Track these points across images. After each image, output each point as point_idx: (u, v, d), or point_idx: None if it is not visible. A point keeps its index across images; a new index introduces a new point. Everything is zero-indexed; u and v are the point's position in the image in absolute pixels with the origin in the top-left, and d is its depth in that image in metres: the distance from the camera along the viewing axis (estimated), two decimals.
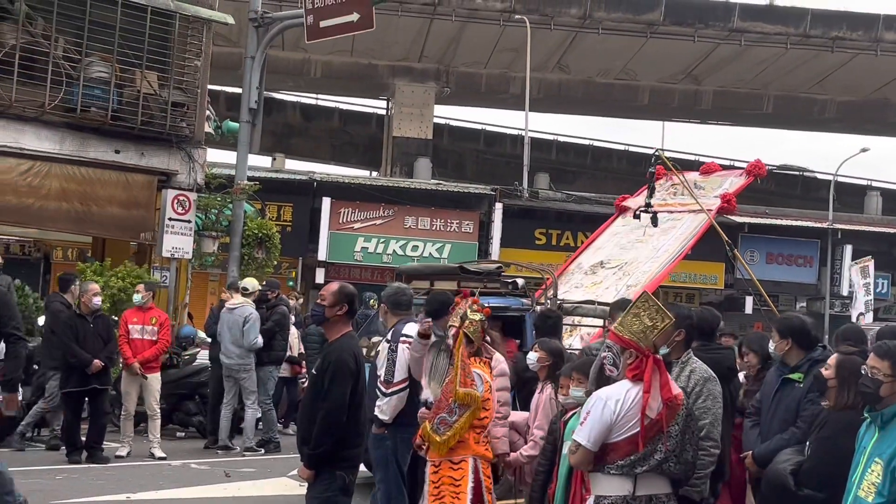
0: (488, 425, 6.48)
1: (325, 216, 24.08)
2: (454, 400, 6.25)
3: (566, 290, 12.29)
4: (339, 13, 14.90)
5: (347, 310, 5.93)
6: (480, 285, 9.75)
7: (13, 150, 13.78)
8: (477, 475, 6.30)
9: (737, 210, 13.37)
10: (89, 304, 10.89)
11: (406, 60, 32.38)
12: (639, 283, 11.76)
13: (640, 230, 13.18)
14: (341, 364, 5.76)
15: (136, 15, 14.53)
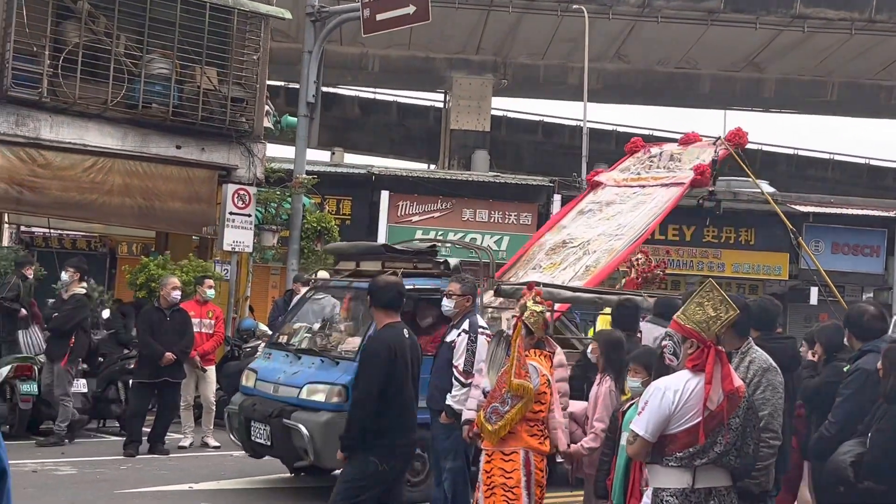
0: (545, 418, 6.43)
1: (384, 209, 24.14)
2: (507, 390, 6.23)
3: (524, 272, 11.87)
4: (396, 6, 14.92)
5: (372, 302, 6.18)
6: (410, 265, 9.44)
7: (77, 146, 14.05)
8: (528, 467, 6.26)
9: (710, 182, 12.53)
10: (168, 298, 11.08)
11: (463, 53, 32.33)
12: (599, 262, 11.31)
13: (609, 207, 12.58)
14: (371, 354, 6.01)
15: (196, 11, 14.70)
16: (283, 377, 9.00)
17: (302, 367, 8.96)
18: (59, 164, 13.89)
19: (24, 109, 13.65)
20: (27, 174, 13.61)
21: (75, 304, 11.19)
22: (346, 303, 9.93)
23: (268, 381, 9.17)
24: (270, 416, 8.74)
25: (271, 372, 9.23)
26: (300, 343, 9.45)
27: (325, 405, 8.45)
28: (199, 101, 14.76)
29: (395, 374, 5.93)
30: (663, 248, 23.42)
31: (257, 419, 8.94)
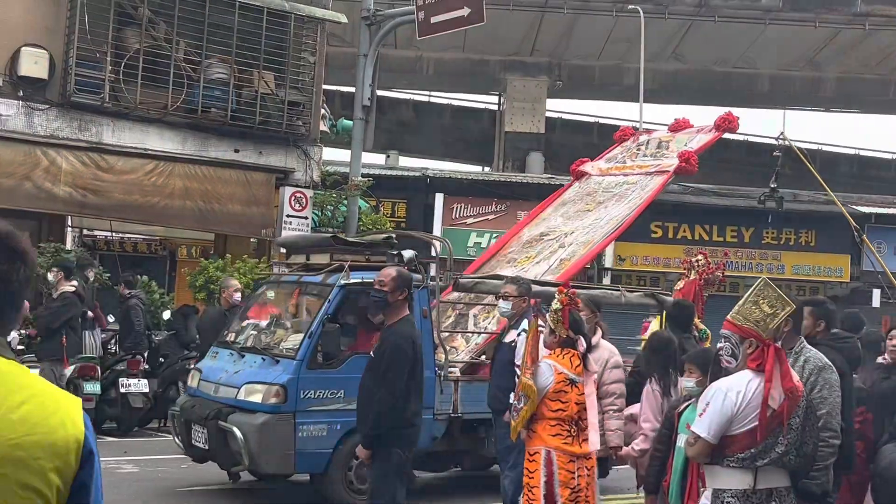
0: (570, 417, 6.36)
1: (438, 212, 24.20)
2: (521, 389, 6.27)
3: (497, 266, 11.54)
4: (450, 8, 14.95)
5: (406, 294, 6.27)
6: (362, 258, 9.10)
7: (138, 150, 14.31)
8: (550, 468, 6.22)
9: (696, 170, 11.91)
10: (230, 300, 11.22)
11: (518, 55, 32.29)
12: (574, 255, 10.92)
13: (589, 197, 12.10)
14: (398, 350, 6.07)
15: (253, 17, 14.89)
16: (224, 377, 8.67)
17: (244, 367, 8.63)
18: (120, 168, 14.16)
19: (87, 115, 13.95)
20: (90, 178, 13.90)
21: (63, 302, 11.06)
22: (295, 298, 9.49)
23: (209, 382, 8.85)
24: (207, 417, 8.39)
25: (214, 371, 8.90)
26: (245, 341, 9.13)
27: (261, 406, 8.12)
28: (256, 105, 14.95)
29: (416, 366, 6.15)
30: (721, 249, 23.14)
31: (196, 421, 8.59)
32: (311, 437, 8.25)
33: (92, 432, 2.04)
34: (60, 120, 13.79)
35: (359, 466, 8.25)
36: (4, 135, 13.35)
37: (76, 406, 2.06)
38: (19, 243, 2.07)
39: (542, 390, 6.20)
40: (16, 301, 2.08)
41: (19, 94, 13.53)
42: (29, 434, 1.95)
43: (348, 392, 8.09)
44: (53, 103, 13.75)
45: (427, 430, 8.52)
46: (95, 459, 2.03)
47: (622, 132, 13.70)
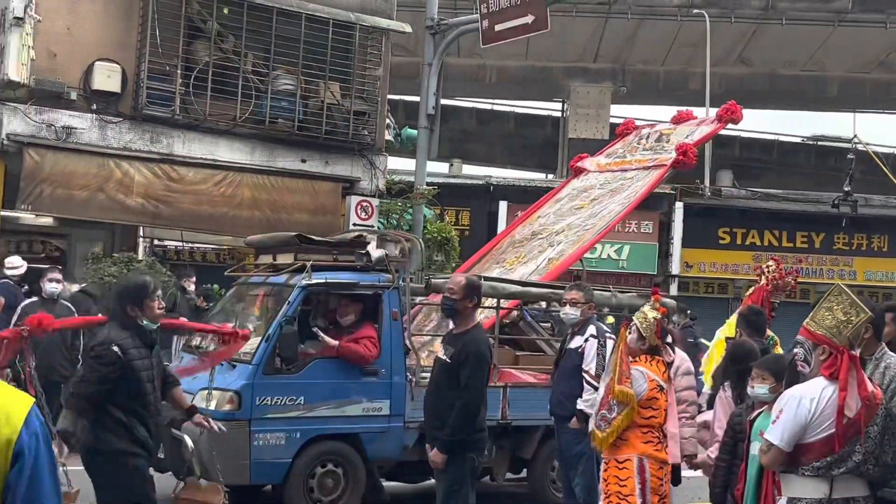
0: (661, 424, 6.33)
1: (502, 219, 24.18)
2: (613, 397, 6.20)
3: (487, 265, 11.20)
4: (514, 16, 14.96)
5: (476, 302, 6.31)
6: (329, 258, 8.67)
7: (208, 161, 14.57)
8: (643, 475, 6.18)
9: (695, 163, 11.44)
10: None
11: (581, 61, 32.15)
12: (563, 253, 10.53)
13: (585, 194, 11.66)
14: (480, 356, 6.14)
15: (319, 28, 15.07)
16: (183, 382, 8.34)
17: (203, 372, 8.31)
18: (191, 178, 14.43)
19: (158, 127, 14.25)
20: (162, 189, 14.18)
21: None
22: (260, 300, 9.12)
23: None
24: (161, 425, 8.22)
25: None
26: (208, 345, 8.60)
27: (214, 413, 7.68)
28: (322, 115, 15.12)
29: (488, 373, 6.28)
30: (793, 255, 22.77)
31: None
32: (269, 445, 7.95)
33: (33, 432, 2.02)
34: (133, 132, 14.11)
35: (321, 476, 8.10)
36: (79, 147, 13.69)
37: (19, 406, 2.04)
38: None
39: (637, 398, 6.18)
40: None
41: (93, 108, 13.87)
42: None
43: (309, 398, 7.99)
44: (126, 116, 14.07)
45: (397, 439, 8.44)
46: (27, 460, 2.00)
47: (624, 126, 13.26)
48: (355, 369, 8.32)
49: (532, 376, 9.58)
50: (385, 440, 8.51)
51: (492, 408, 8.42)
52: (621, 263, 23.82)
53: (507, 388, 9.09)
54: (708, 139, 11.98)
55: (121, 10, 14.14)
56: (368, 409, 8.41)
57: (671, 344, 6.55)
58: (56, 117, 13.57)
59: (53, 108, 13.55)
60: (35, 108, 13.42)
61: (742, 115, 12.01)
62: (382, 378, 8.47)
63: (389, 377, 8.51)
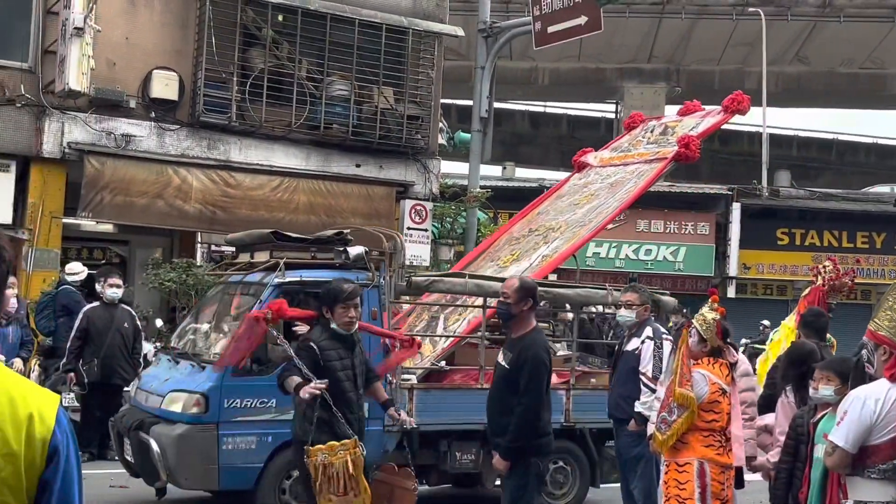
0: (724, 428, 6.24)
1: None
2: (673, 399, 6.13)
3: (482, 265, 10.75)
4: (567, 17, 14.91)
5: (532, 304, 6.18)
6: (307, 255, 8.33)
7: (264, 167, 14.73)
8: (703, 479, 6.10)
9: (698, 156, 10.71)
10: None
11: (635, 62, 31.96)
12: (557, 251, 10.06)
13: (585, 189, 11.19)
14: (539, 360, 6.04)
15: (372, 34, 15.16)
16: (154, 385, 8.12)
17: (174, 374, 8.09)
18: (248, 184, 14.59)
19: (215, 134, 14.44)
20: (219, 195, 14.36)
21: None
22: (237, 299, 8.67)
23: (143, 390, 8.33)
24: (131, 428, 7.88)
25: (150, 379, 8.38)
26: (184, 346, 8.59)
27: (181, 416, 7.48)
28: (376, 120, 15.21)
29: (549, 377, 6.17)
30: (852, 256, 22.36)
31: (123, 433, 8.08)
32: (238, 450, 7.59)
33: (64, 430, 2.05)
34: (190, 139, 14.31)
35: (294, 482, 7.68)
36: (138, 155, 13.92)
37: (49, 404, 2.06)
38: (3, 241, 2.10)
39: (698, 401, 6.10)
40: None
41: (151, 116, 14.09)
42: None
43: (282, 400, 7.48)
44: (183, 123, 14.28)
45: (376, 443, 7.99)
46: (61, 458, 2.03)
47: (631, 119, 12.75)
48: None
49: None
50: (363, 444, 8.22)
51: (478, 411, 8.01)
52: (677, 265, 23.60)
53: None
54: (713, 131, 11.35)
55: (178, 18, 14.36)
56: None
57: (733, 344, 6.46)
58: (115, 125, 13.81)
59: (113, 117, 13.80)
60: (95, 117, 13.68)
61: (749, 105, 11.35)
62: None
63: None
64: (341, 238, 8.47)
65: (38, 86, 13.42)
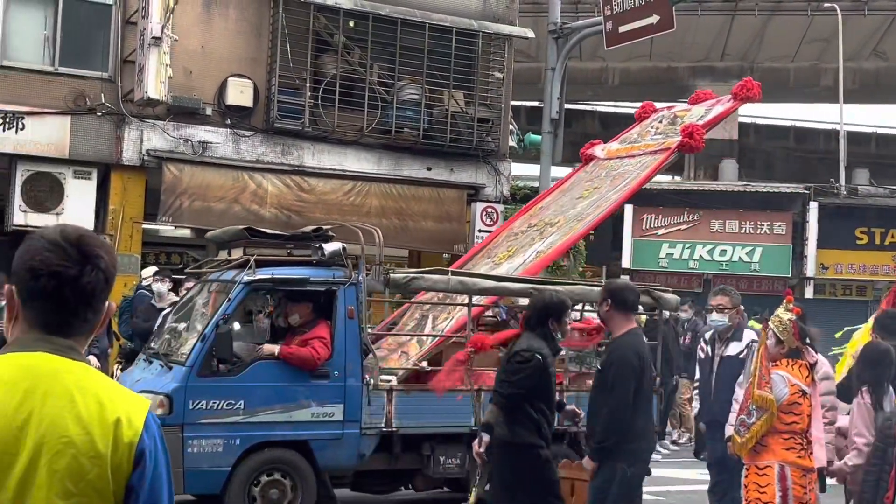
0: (805, 430, 6.14)
1: (628, 223, 23.88)
2: (752, 402, 6.04)
3: (480, 262, 10.42)
4: (639, 17, 14.79)
5: (613, 304, 6.14)
6: (283, 252, 8.14)
7: (336, 171, 14.90)
8: (784, 483, 5.99)
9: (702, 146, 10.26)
10: None
11: (707, 60, 31.53)
12: (552, 246, 9.70)
13: (589, 183, 10.79)
14: (624, 361, 6.00)
15: (442, 37, 15.24)
16: (128, 385, 7.68)
17: (146, 375, 7.99)
18: (321, 189, 14.78)
19: (288, 139, 14.65)
20: (294, 200, 14.57)
21: None
22: (213, 298, 8.50)
23: None
24: None
25: (126, 380, 8.25)
26: (160, 346, 8.49)
27: None
28: (447, 123, 15.27)
29: (644, 380, 6.04)
30: None
31: None
32: (204, 453, 7.45)
33: (153, 436, 2.07)
34: (265, 145, 14.54)
35: (266, 486, 7.65)
36: (214, 161, 14.20)
37: (138, 408, 2.09)
38: (91, 248, 2.11)
39: (778, 403, 6.02)
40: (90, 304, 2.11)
41: (227, 123, 14.36)
42: (84, 433, 2.00)
43: (250, 402, 7.52)
44: (258, 130, 14.52)
45: (352, 447, 7.92)
46: (148, 463, 2.05)
47: (642, 109, 12.40)
48: (303, 371, 7.80)
49: None
50: (338, 448, 7.97)
51: (465, 413, 8.13)
52: (753, 266, 23.22)
53: (481, 392, 8.20)
54: (721, 120, 10.96)
55: (252, 27, 14.61)
56: (318, 415, 7.86)
57: (812, 345, 6.35)
58: (192, 133, 14.11)
59: (190, 124, 14.10)
60: (173, 125, 13.99)
61: (760, 92, 10.87)
62: (335, 381, 7.90)
63: (343, 380, 7.94)
64: (320, 234, 8.27)
65: (118, 95, 13.78)
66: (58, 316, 2.09)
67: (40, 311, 2.09)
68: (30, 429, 1.99)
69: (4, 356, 2.08)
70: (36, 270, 2.07)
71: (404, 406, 8.16)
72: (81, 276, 2.08)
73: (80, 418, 2.01)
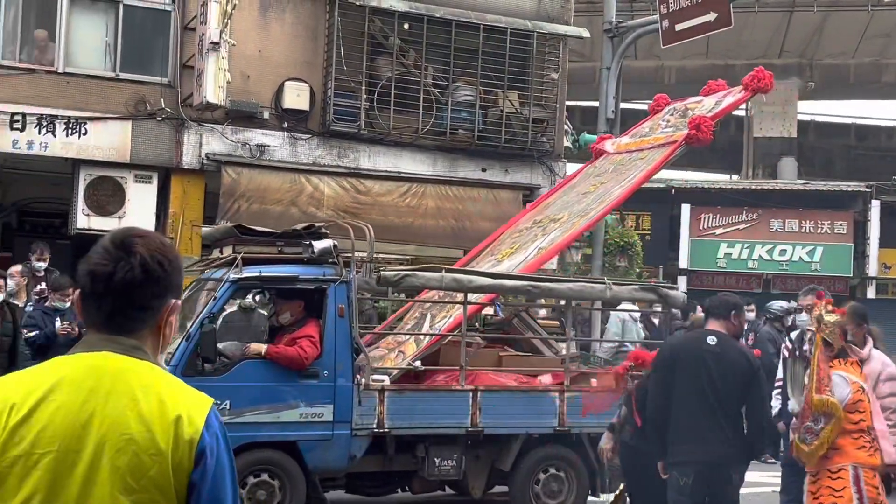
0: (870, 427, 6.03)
1: (685, 223, 23.66)
2: (814, 407, 5.93)
3: (482, 260, 10.24)
4: (695, 14, 14.62)
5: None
6: (274, 249, 8.01)
7: (392, 173, 14.98)
8: (859, 485, 5.88)
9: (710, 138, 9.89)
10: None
11: (765, 57, 31.04)
12: (553, 242, 9.45)
13: (596, 178, 10.53)
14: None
15: (497, 38, 15.23)
16: None
17: None
18: (377, 191, 14.87)
19: (344, 142, 14.76)
20: (350, 202, 14.67)
21: None
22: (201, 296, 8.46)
23: None
24: None
25: None
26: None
27: None
28: (502, 124, 15.26)
29: (677, 383, 5.96)
30: None
31: None
32: None
33: (214, 434, 2.09)
34: (321, 148, 14.66)
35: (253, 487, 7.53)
36: (272, 164, 14.34)
37: (199, 406, 2.11)
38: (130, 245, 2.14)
39: (842, 403, 5.93)
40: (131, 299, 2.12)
41: (284, 126, 14.50)
42: (145, 431, 2.03)
43: (237, 402, 7.46)
44: (314, 133, 14.64)
45: (342, 448, 7.81)
46: (209, 460, 2.06)
47: (656, 102, 12.04)
48: (291, 371, 7.72)
49: (513, 379, 8.76)
50: (328, 449, 7.89)
51: (458, 414, 8.05)
52: (814, 266, 22.86)
53: (477, 393, 8.19)
54: (730, 111, 10.72)
55: (308, 30, 14.74)
56: (307, 415, 7.78)
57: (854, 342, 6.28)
58: (250, 136, 14.27)
59: (248, 128, 14.27)
60: (231, 128, 14.16)
61: (771, 82, 10.49)
62: (324, 381, 7.79)
63: (333, 380, 7.84)
64: (312, 232, 8.12)
65: (177, 100, 13.99)
66: (103, 314, 2.13)
67: (89, 310, 2.15)
68: (93, 427, 2.03)
69: (71, 356, 2.13)
70: (81, 272, 2.15)
71: (397, 406, 8.03)
72: (115, 273, 2.11)
73: (142, 416, 2.04)
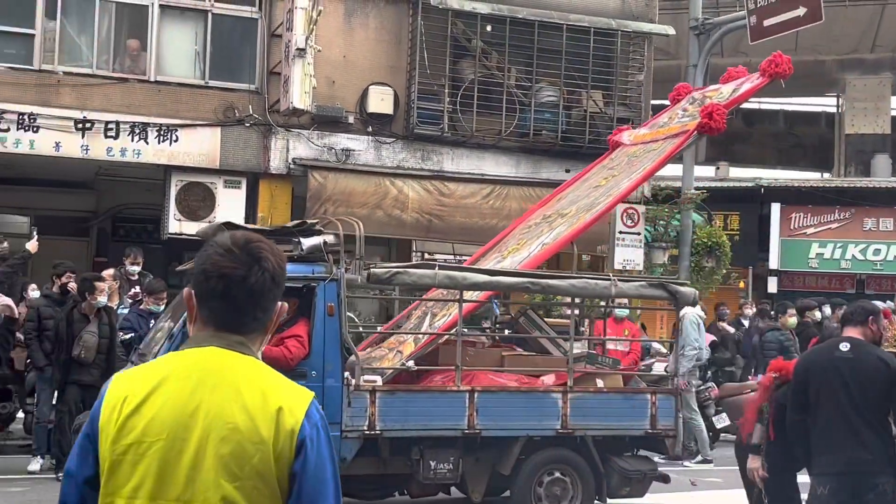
0: None
1: (775, 223, 23.17)
2: None
3: (490, 257, 9.86)
4: (784, 9, 14.33)
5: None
6: None
7: (475, 175, 15.00)
8: None
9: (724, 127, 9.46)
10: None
11: (856, 52, 30.28)
12: (558, 237, 9.11)
13: (610, 171, 10.17)
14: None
15: (580, 38, 15.14)
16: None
17: None
18: (460, 193, 14.90)
19: (428, 145, 14.83)
20: (434, 204, 14.74)
21: None
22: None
23: None
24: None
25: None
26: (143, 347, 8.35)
27: None
28: (585, 124, 15.15)
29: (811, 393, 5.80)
30: None
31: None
32: None
33: (315, 425, 2.16)
34: (405, 151, 14.76)
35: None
36: (357, 168, 14.50)
37: (300, 399, 2.20)
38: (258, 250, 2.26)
39: None
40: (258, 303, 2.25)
41: (368, 130, 14.64)
42: (248, 421, 2.13)
43: None
44: (398, 136, 14.75)
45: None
46: (310, 451, 2.14)
47: (676, 92, 11.61)
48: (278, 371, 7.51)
49: (515, 380, 8.49)
50: None
51: (455, 415, 7.86)
52: (877, 265, 22.24)
53: (474, 393, 7.94)
54: (747, 98, 10.36)
55: (392, 35, 14.85)
56: None
57: None
58: (336, 141, 14.45)
59: (333, 133, 14.44)
60: (317, 133, 14.35)
61: (791, 68, 10.13)
62: (312, 381, 7.53)
63: (321, 380, 7.63)
64: (304, 229, 7.97)
65: (265, 106, 14.23)
66: (228, 314, 2.25)
67: (213, 310, 2.26)
68: (199, 417, 2.14)
69: (181, 352, 2.27)
70: (208, 273, 2.25)
71: (389, 408, 7.83)
72: (248, 277, 2.24)
73: (245, 407, 2.15)
